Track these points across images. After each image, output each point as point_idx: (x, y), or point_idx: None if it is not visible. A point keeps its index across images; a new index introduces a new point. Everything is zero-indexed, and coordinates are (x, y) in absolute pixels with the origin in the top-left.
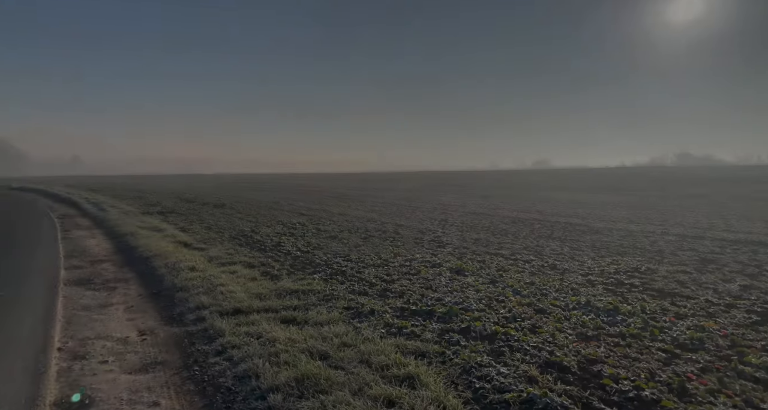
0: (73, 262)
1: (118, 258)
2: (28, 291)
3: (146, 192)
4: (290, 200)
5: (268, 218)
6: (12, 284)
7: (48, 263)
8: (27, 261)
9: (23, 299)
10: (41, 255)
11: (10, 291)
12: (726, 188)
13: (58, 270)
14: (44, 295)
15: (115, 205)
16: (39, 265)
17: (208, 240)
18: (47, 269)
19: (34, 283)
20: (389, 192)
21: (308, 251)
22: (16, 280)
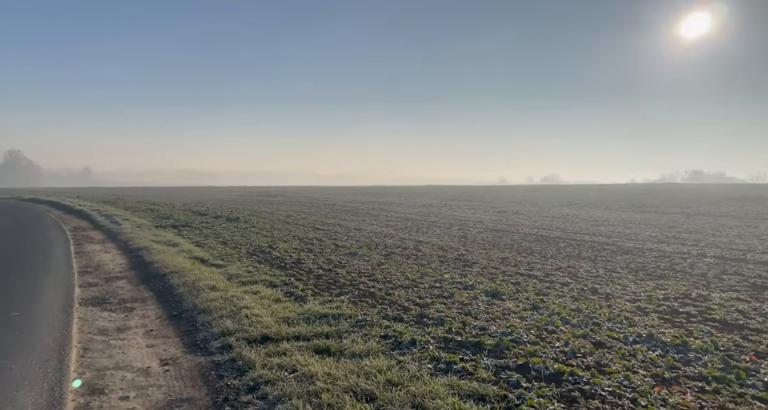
0: (88, 279)
1: (133, 275)
2: (42, 310)
3: (158, 204)
4: (303, 214)
5: (283, 233)
6: (25, 302)
7: (61, 279)
8: (40, 277)
9: (37, 319)
10: (54, 271)
11: (24, 309)
12: (750, 207)
13: (73, 288)
14: (59, 316)
15: (128, 217)
16: (52, 281)
17: (225, 256)
18: (61, 286)
19: (48, 302)
20: (401, 206)
21: (330, 269)
22: (29, 298)
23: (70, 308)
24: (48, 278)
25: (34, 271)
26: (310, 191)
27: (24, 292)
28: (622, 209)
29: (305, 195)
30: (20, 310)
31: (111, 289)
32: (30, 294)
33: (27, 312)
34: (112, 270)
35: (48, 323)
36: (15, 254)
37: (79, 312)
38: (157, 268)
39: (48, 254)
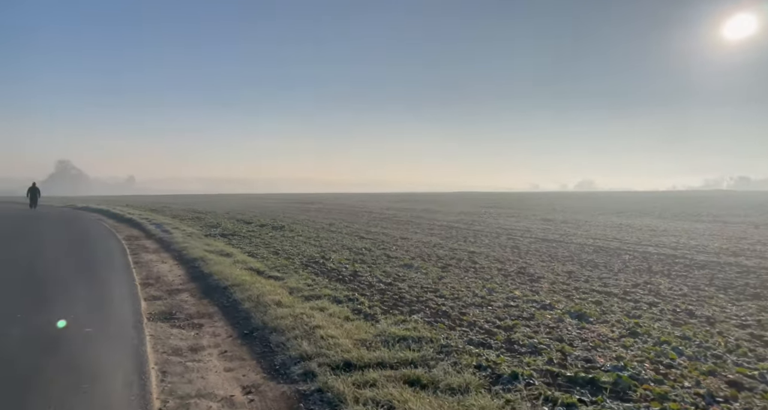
0: (151, 292)
1: (194, 288)
2: (114, 326)
3: (202, 212)
4: (345, 222)
5: (331, 242)
6: (96, 317)
7: (126, 291)
8: (106, 288)
9: (111, 337)
10: (118, 283)
11: (96, 325)
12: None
13: (138, 301)
14: (131, 333)
15: (177, 226)
16: (118, 294)
17: (280, 267)
18: (126, 299)
19: (118, 316)
20: (440, 214)
21: (391, 283)
22: (99, 312)
23: (140, 324)
24: (113, 290)
25: (99, 283)
26: (344, 198)
27: (93, 306)
28: (677, 218)
29: (340, 202)
30: (93, 326)
31: (175, 303)
32: (99, 309)
33: (100, 328)
34: (173, 282)
35: (122, 341)
36: (79, 265)
37: (150, 329)
38: (217, 281)
39: (109, 265)
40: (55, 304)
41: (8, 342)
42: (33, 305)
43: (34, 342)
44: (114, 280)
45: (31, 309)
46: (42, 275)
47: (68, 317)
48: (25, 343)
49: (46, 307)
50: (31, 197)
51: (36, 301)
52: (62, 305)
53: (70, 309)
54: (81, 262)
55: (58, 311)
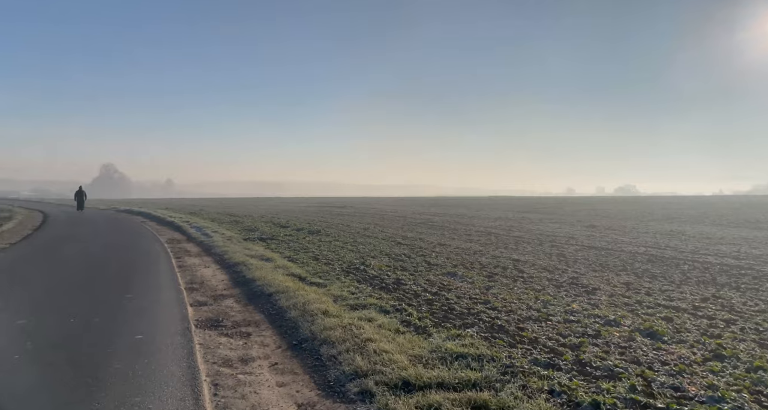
0: (196, 297)
1: (239, 294)
2: (163, 334)
3: (238, 215)
4: (379, 227)
5: (368, 247)
6: (145, 323)
7: (172, 297)
8: (152, 293)
9: (161, 344)
10: (164, 287)
11: (146, 331)
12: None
13: (185, 307)
14: (180, 341)
15: (216, 229)
16: (165, 298)
17: (321, 273)
18: (173, 304)
19: (166, 323)
20: (475, 219)
21: (437, 293)
22: (147, 318)
23: (189, 331)
24: (159, 295)
25: (146, 287)
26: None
27: (141, 311)
28: (733, 225)
29: (371, 206)
30: (143, 333)
31: (221, 310)
32: (147, 314)
33: (149, 335)
34: (217, 288)
35: (172, 350)
36: (126, 268)
37: (198, 337)
38: (261, 287)
39: (155, 269)
40: (105, 308)
41: (69, 350)
42: (86, 308)
43: (90, 346)
44: (160, 284)
45: (84, 312)
46: (92, 277)
47: (118, 323)
48: (82, 348)
49: (97, 311)
50: (78, 200)
51: (89, 304)
52: (111, 309)
53: (120, 314)
54: (128, 266)
55: (108, 315)
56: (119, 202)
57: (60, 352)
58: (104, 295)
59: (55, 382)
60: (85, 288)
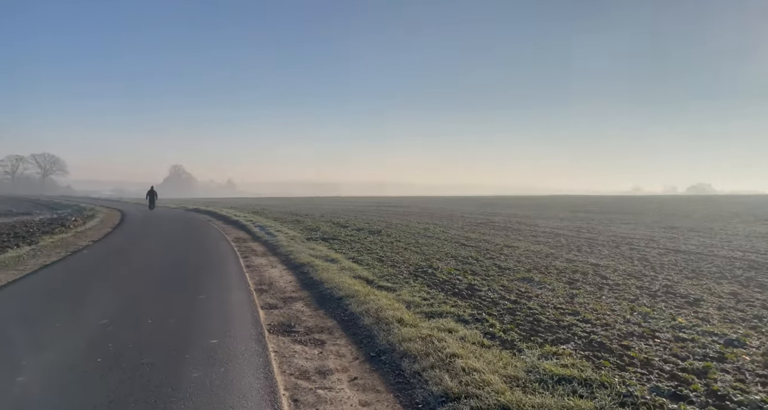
0: (266, 299)
1: (307, 297)
2: (236, 339)
3: (299, 214)
4: (439, 227)
5: (432, 249)
6: (218, 326)
7: (243, 299)
8: (223, 294)
9: (235, 351)
10: (234, 287)
11: (220, 336)
12: None
13: (256, 310)
14: (254, 348)
15: (280, 229)
16: (236, 300)
17: (388, 276)
18: (244, 307)
19: (239, 327)
20: (539, 219)
21: (516, 301)
22: (220, 321)
23: (262, 337)
24: (230, 296)
25: (217, 288)
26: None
27: (214, 313)
28: None
29: (427, 205)
30: (217, 337)
31: (292, 313)
32: (220, 316)
33: (224, 340)
34: (286, 289)
35: (247, 357)
36: (197, 267)
37: (272, 343)
38: (329, 290)
39: (224, 269)
40: (180, 309)
41: (149, 354)
42: (162, 308)
43: (168, 350)
44: (230, 285)
45: (161, 312)
46: (167, 276)
47: (193, 325)
48: (161, 352)
49: (172, 312)
50: (150, 199)
51: (164, 304)
52: (186, 310)
53: (194, 316)
54: (199, 265)
55: (183, 317)
56: (186, 201)
57: (141, 356)
58: (178, 295)
59: (136, 391)
60: (160, 287)
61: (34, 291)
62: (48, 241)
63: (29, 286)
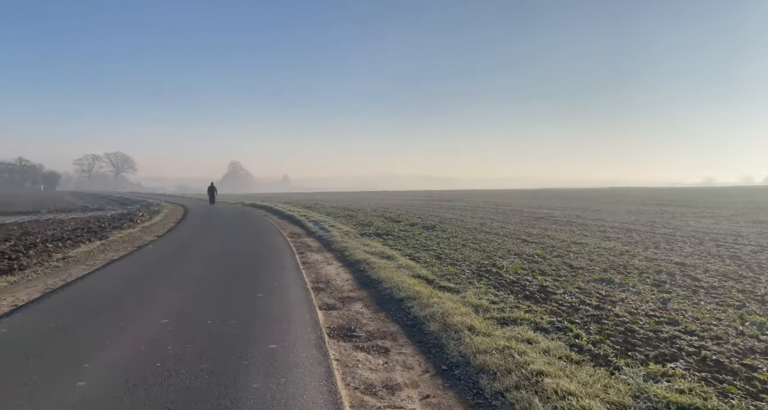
0: (324, 299)
1: (366, 296)
2: (295, 344)
3: (350, 209)
4: (496, 221)
5: (492, 245)
6: (276, 328)
7: (300, 298)
8: (280, 293)
9: (295, 359)
10: (291, 285)
11: (279, 340)
12: None
13: (315, 310)
14: (315, 355)
15: (333, 224)
16: (294, 299)
17: (450, 276)
18: (302, 307)
19: (297, 330)
20: (602, 213)
21: (599, 306)
22: (278, 322)
23: (322, 342)
24: (288, 295)
25: (274, 285)
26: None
27: (272, 313)
28: None
29: (480, 199)
30: (276, 341)
31: (351, 315)
32: (278, 317)
33: (283, 345)
34: (343, 288)
35: (308, 366)
36: (255, 262)
37: (334, 350)
38: (388, 290)
39: (281, 265)
40: (239, 309)
41: (208, 359)
42: (222, 307)
43: (227, 355)
44: (287, 283)
45: (220, 312)
46: (226, 272)
47: (251, 327)
48: (220, 357)
49: (231, 312)
50: (210, 195)
51: (224, 302)
52: (244, 310)
53: (253, 316)
54: (256, 260)
55: (242, 317)
56: (244, 197)
57: (200, 361)
58: (237, 292)
59: (194, 403)
60: (220, 285)
61: (99, 287)
62: (117, 236)
63: (95, 282)
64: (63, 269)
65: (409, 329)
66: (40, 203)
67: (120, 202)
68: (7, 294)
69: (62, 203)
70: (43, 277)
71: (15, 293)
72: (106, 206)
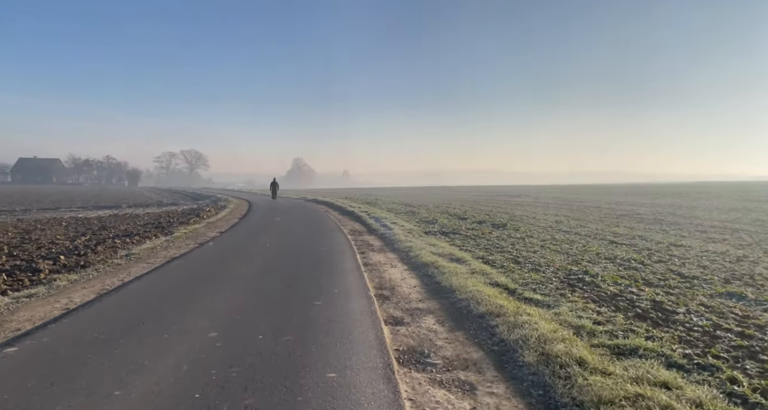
0: (390, 310)
1: (438, 309)
2: (359, 373)
3: (412, 205)
4: (572, 219)
5: (577, 247)
6: (336, 346)
7: (362, 307)
8: (341, 300)
9: (359, 396)
10: (352, 292)
11: (339, 365)
12: None
13: (379, 326)
14: (383, 391)
15: (395, 221)
16: (354, 309)
17: (533, 284)
18: (365, 319)
19: (360, 351)
20: (695, 209)
21: (743, 332)
22: (338, 339)
23: (390, 371)
24: (349, 304)
25: (334, 292)
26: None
27: (331, 329)
28: None
29: (548, 194)
30: (335, 367)
31: (423, 334)
32: (338, 334)
33: (343, 375)
34: (410, 297)
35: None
36: (314, 263)
37: (405, 384)
38: (464, 301)
39: (341, 267)
40: (294, 320)
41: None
42: (277, 317)
43: (279, 384)
44: (348, 289)
45: (274, 324)
46: (283, 274)
47: (307, 346)
48: (271, 386)
49: (287, 323)
50: (273, 190)
51: (279, 311)
52: (300, 323)
53: (309, 332)
54: (315, 260)
55: (297, 332)
56: (306, 192)
57: (245, 393)
58: (294, 299)
59: None
60: (276, 290)
61: (153, 290)
62: (182, 232)
63: (150, 283)
64: (124, 267)
65: (497, 357)
66: (122, 198)
67: (192, 197)
68: (63, 295)
69: (141, 198)
70: (102, 276)
71: (71, 294)
72: (179, 201)
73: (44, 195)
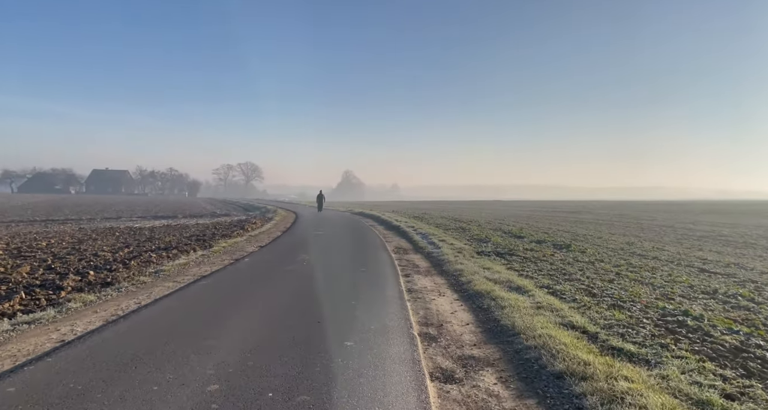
0: (437, 359)
1: (499, 359)
2: None
3: (462, 221)
4: (647, 240)
5: (661, 276)
6: None
7: (403, 353)
8: (378, 339)
9: None
10: (391, 328)
11: None
12: None
13: (424, 382)
14: None
15: (443, 238)
16: (394, 354)
17: (620, 327)
18: (406, 371)
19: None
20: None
21: None
22: (371, 402)
23: None
24: (386, 348)
25: (370, 328)
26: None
27: (361, 388)
28: None
29: (610, 210)
30: None
31: (482, 400)
32: (369, 395)
33: None
34: (462, 339)
35: None
36: (350, 290)
37: None
38: (533, 351)
39: (381, 294)
40: (318, 371)
41: None
42: (297, 367)
43: None
44: (387, 325)
45: (291, 376)
46: (315, 302)
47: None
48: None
49: (307, 376)
50: (319, 203)
51: (300, 358)
52: (325, 374)
53: (333, 390)
54: (351, 287)
55: (319, 391)
56: (354, 204)
57: None
58: (320, 338)
59: None
60: (303, 321)
61: (164, 318)
62: (221, 246)
63: (165, 309)
64: (148, 286)
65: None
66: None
67: (244, 208)
68: (68, 321)
69: (197, 208)
70: (121, 297)
71: (78, 320)
72: (232, 212)
73: (110, 204)
